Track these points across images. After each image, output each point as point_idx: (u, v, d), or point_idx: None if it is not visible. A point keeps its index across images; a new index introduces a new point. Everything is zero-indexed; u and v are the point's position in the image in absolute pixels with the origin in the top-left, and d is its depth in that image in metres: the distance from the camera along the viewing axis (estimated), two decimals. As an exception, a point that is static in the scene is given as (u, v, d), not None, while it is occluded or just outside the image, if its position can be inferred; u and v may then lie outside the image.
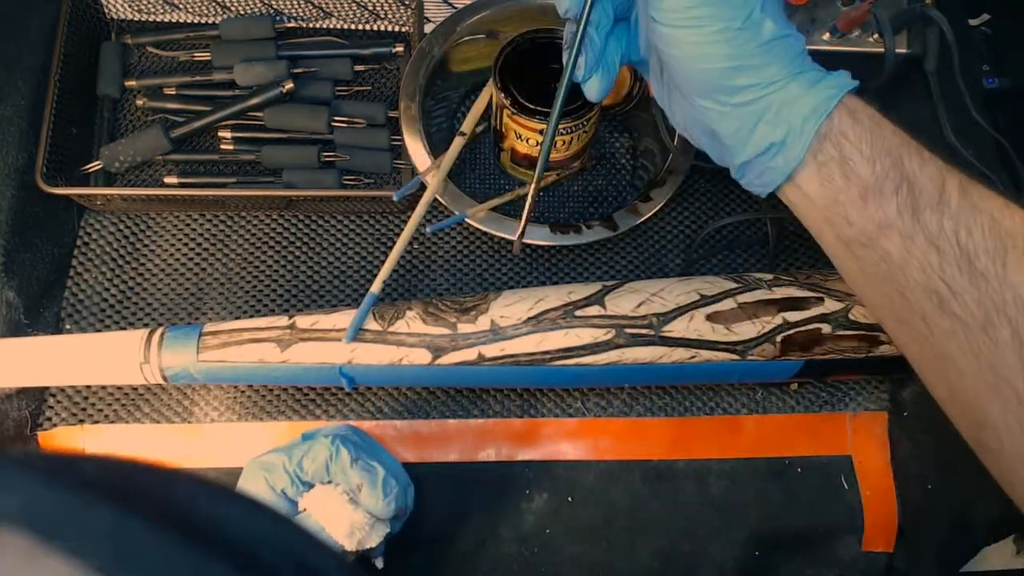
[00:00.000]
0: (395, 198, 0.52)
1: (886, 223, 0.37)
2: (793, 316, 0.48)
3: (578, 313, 0.48)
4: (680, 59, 0.39)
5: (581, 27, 0.41)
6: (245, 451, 0.51)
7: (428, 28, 0.60)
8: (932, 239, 0.36)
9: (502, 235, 0.54)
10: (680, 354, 0.48)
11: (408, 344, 0.47)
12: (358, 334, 0.47)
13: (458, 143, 0.54)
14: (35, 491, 0.15)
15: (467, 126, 0.56)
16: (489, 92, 0.56)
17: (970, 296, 0.35)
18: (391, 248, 0.57)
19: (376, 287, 0.48)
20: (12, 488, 0.15)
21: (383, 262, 0.57)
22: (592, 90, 0.43)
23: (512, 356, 0.47)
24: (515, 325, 0.47)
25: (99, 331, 0.54)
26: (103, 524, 0.15)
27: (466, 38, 0.60)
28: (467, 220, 0.53)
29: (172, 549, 0.15)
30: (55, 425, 0.51)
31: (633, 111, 0.61)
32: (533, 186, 0.45)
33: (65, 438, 0.51)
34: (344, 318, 0.48)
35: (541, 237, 0.54)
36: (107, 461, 0.17)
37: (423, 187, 0.53)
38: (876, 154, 0.37)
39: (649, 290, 0.49)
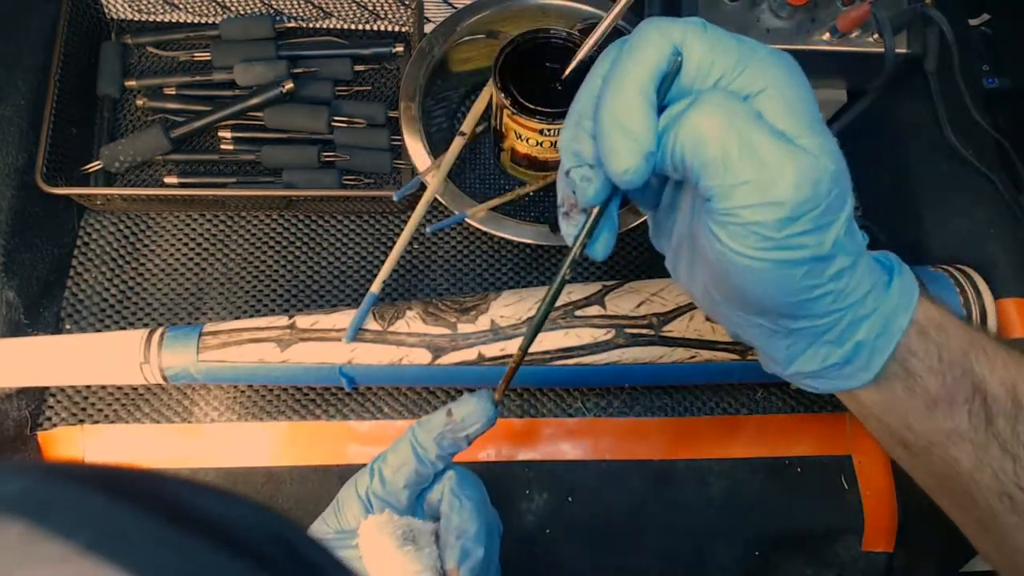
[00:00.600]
0: (395, 198, 0.52)
1: (955, 432, 0.34)
2: (793, 316, 0.48)
3: (578, 313, 0.48)
4: (743, 285, 0.31)
5: (594, 216, 0.34)
6: (245, 451, 0.51)
7: (428, 28, 0.60)
8: (1006, 446, 0.34)
9: (502, 235, 0.54)
10: (680, 354, 0.48)
11: (408, 344, 0.47)
12: (358, 334, 0.47)
13: (458, 143, 0.54)
14: (33, 481, 0.16)
15: (467, 126, 0.56)
16: (489, 92, 0.56)
17: None
18: (391, 248, 0.57)
19: (376, 287, 0.48)
20: (12, 479, 0.16)
21: (383, 262, 0.57)
22: (600, 252, 0.36)
23: (512, 356, 0.47)
24: (515, 325, 0.47)
25: (99, 331, 0.54)
26: (94, 508, 0.15)
27: (466, 38, 0.60)
28: (467, 220, 0.53)
29: (157, 528, 0.15)
30: (55, 425, 0.51)
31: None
32: (517, 353, 0.39)
33: (65, 438, 0.51)
34: (344, 318, 0.48)
35: (541, 237, 0.54)
36: (99, 465, 0.18)
37: (423, 187, 0.53)
38: (945, 367, 0.34)
39: (649, 290, 0.49)
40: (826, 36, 0.56)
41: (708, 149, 0.29)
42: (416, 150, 0.55)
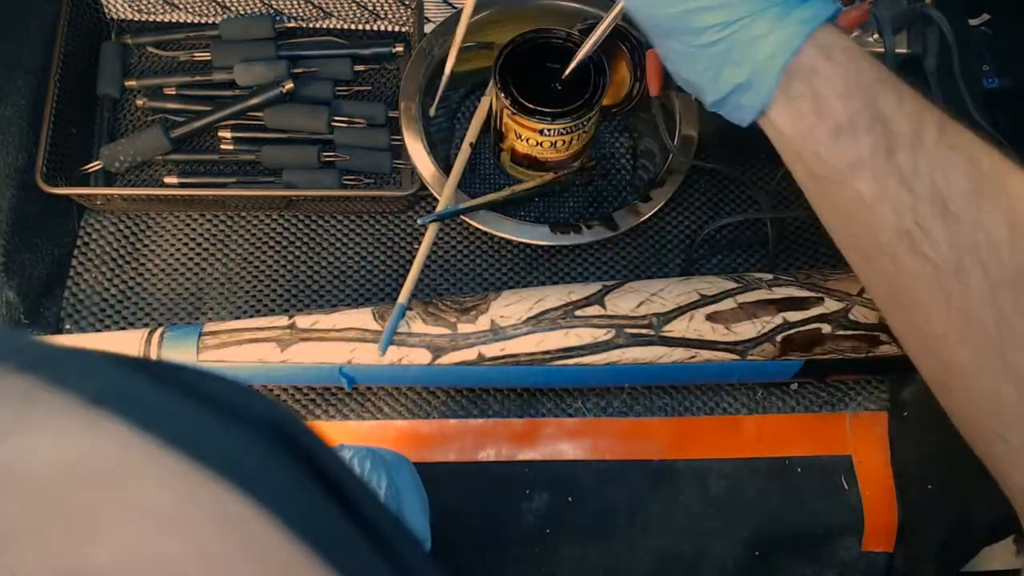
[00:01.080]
0: (421, 223, 0.51)
1: (859, 162, 0.36)
2: (793, 316, 0.48)
3: (578, 313, 0.48)
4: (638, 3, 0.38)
5: None
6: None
7: (428, 28, 0.60)
8: (906, 180, 0.35)
9: (502, 235, 0.54)
10: (680, 354, 0.48)
11: (408, 344, 0.47)
12: (362, 334, 0.47)
13: (466, 152, 0.54)
14: (44, 346, 0.16)
15: (472, 135, 0.55)
16: (489, 99, 0.56)
17: (942, 238, 0.34)
18: (391, 248, 0.58)
19: (403, 297, 0.48)
20: (26, 345, 0.16)
21: (383, 262, 0.57)
22: None
23: (512, 356, 0.47)
24: (515, 325, 0.47)
25: (99, 331, 0.54)
26: (101, 366, 0.16)
27: (464, 45, 0.60)
28: (467, 220, 0.53)
29: (164, 393, 0.16)
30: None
31: (633, 111, 0.60)
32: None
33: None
34: (344, 318, 0.48)
35: (541, 237, 0.54)
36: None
37: (424, 187, 0.53)
38: (850, 91, 0.36)
39: (649, 290, 0.49)
40: (826, 36, 0.56)
41: None
42: (416, 150, 0.55)
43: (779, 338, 0.48)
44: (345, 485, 0.17)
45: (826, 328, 0.48)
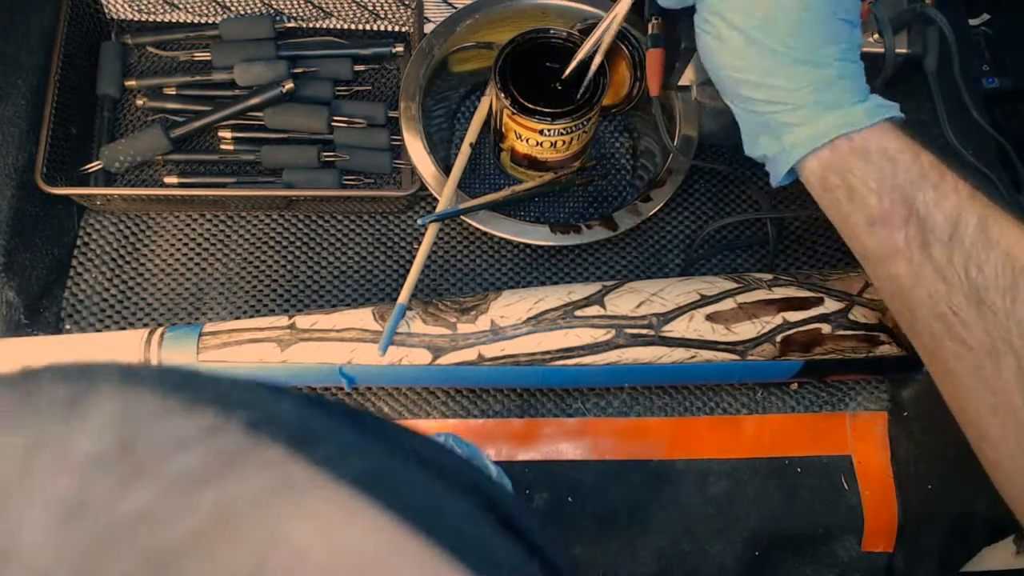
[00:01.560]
0: (421, 222, 0.52)
1: (895, 251, 0.39)
2: (793, 316, 0.48)
3: (578, 313, 0.48)
4: (705, 59, 0.42)
5: None
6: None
7: (428, 28, 0.60)
8: (940, 271, 0.37)
9: (502, 235, 0.54)
10: (680, 354, 0.48)
11: (408, 344, 0.47)
12: (362, 334, 0.47)
13: (466, 153, 0.54)
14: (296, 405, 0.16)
15: (472, 135, 0.55)
16: (489, 99, 0.56)
17: (977, 326, 0.36)
18: (391, 248, 0.57)
19: (404, 297, 0.48)
20: (284, 399, 0.16)
21: (383, 262, 0.57)
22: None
23: (512, 356, 0.47)
24: (515, 325, 0.47)
25: (99, 331, 0.54)
26: (348, 442, 0.15)
27: (464, 46, 0.60)
28: (467, 220, 0.53)
29: (408, 468, 0.15)
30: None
31: (633, 111, 0.61)
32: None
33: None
34: (344, 318, 0.48)
35: (541, 237, 0.54)
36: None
37: (423, 187, 0.53)
38: (883, 189, 0.38)
39: (649, 290, 0.49)
40: (826, 36, 0.56)
41: None
42: (416, 150, 0.55)
43: (779, 338, 0.48)
44: (541, 542, 0.17)
45: (826, 328, 0.48)
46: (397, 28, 0.63)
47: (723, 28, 0.40)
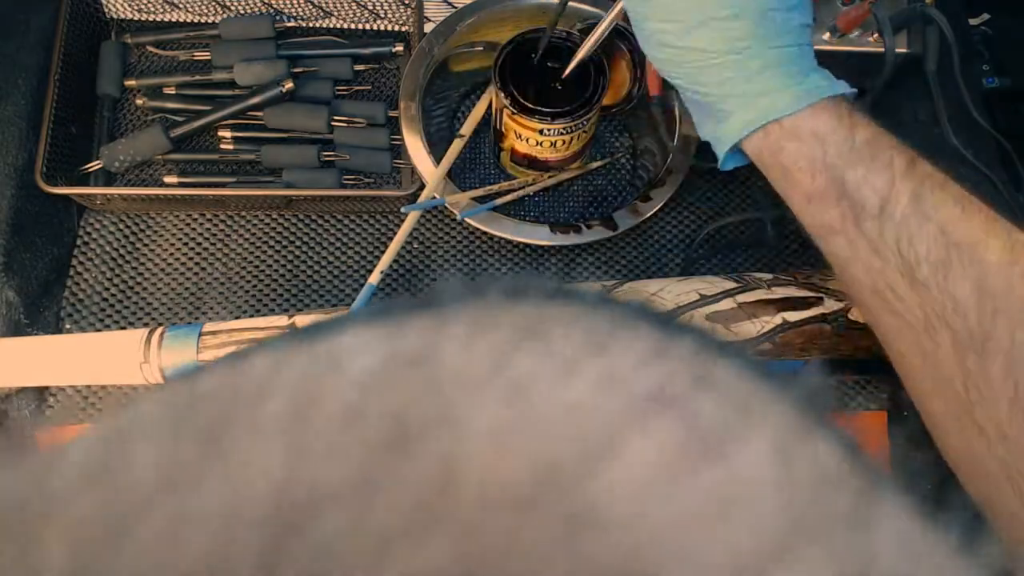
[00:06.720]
0: (404, 211, 0.52)
1: (830, 227, 0.39)
2: (793, 316, 0.48)
3: (578, 313, 0.48)
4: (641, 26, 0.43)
5: None
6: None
7: (428, 28, 0.60)
8: (874, 246, 0.38)
9: (502, 235, 0.54)
10: (680, 354, 0.48)
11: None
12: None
13: (457, 145, 0.54)
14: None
15: (467, 128, 0.56)
16: (490, 96, 0.56)
17: (912, 301, 0.37)
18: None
19: (374, 277, 0.48)
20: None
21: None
22: None
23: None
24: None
25: (99, 331, 0.54)
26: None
27: (464, 49, 0.60)
28: (467, 221, 0.53)
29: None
30: (55, 425, 0.51)
31: (633, 111, 0.61)
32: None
33: (65, 438, 0.51)
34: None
35: (541, 237, 0.54)
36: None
37: (422, 186, 0.53)
38: (815, 167, 0.39)
39: (649, 290, 0.49)
40: (826, 36, 0.56)
41: None
42: (416, 150, 0.55)
43: (779, 338, 0.48)
44: None
45: (826, 328, 0.48)
46: (397, 28, 0.63)
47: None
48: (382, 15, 0.62)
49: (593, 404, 0.12)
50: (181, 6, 0.61)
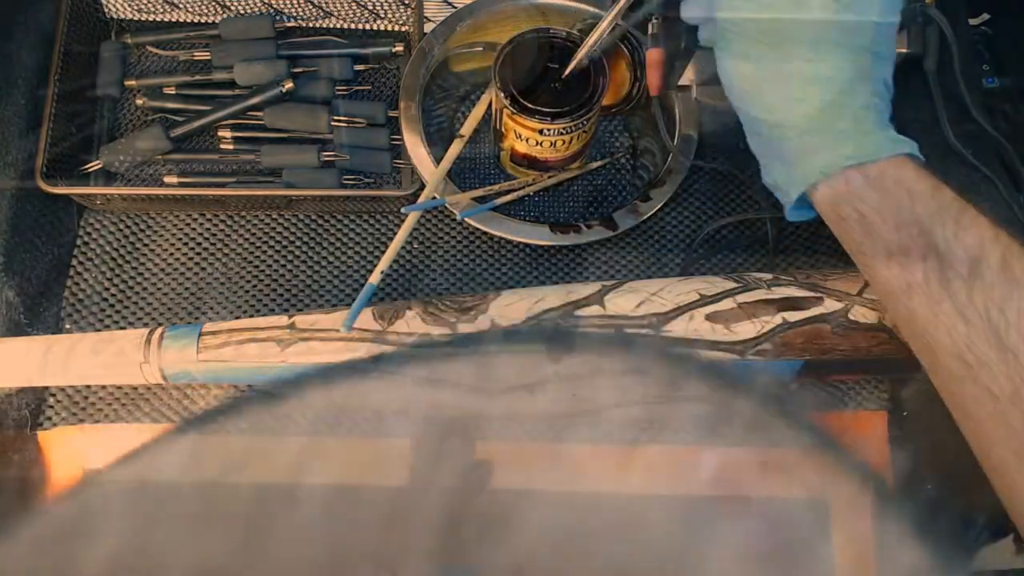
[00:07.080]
0: (404, 211, 0.52)
1: (912, 285, 0.37)
2: (793, 316, 0.48)
3: (578, 313, 0.48)
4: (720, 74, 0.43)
5: None
6: (245, 451, 0.51)
7: (428, 28, 0.60)
8: (960, 309, 0.35)
9: (502, 235, 0.54)
10: (680, 354, 0.48)
11: (408, 344, 0.47)
12: (360, 334, 0.47)
13: (457, 145, 0.54)
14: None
15: (467, 128, 0.56)
16: (490, 96, 0.56)
17: (998, 370, 0.34)
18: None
19: (375, 278, 0.48)
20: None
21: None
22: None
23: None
24: (515, 325, 0.47)
25: (99, 331, 0.54)
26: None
27: (464, 50, 0.60)
28: (468, 221, 0.53)
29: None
30: (55, 425, 0.51)
31: (633, 111, 0.61)
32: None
33: (65, 438, 0.51)
34: (344, 318, 0.48)
35: (541, 237, 0.54)
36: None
37: (421, 186, 0.53)
38: (901, 222, 0.37)
39: (649, 290, 0.49)
40: (826, 36, 0.56)
41: None
42: (416, 150, 0.55)
43: (779, 338, 0.48)
44: None
45: (826, 328, 0.48)
46: (397, 28, 0.63)
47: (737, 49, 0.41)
48: (382, 15, 0.62)
49: None
50: (181, 6, 0.61)
